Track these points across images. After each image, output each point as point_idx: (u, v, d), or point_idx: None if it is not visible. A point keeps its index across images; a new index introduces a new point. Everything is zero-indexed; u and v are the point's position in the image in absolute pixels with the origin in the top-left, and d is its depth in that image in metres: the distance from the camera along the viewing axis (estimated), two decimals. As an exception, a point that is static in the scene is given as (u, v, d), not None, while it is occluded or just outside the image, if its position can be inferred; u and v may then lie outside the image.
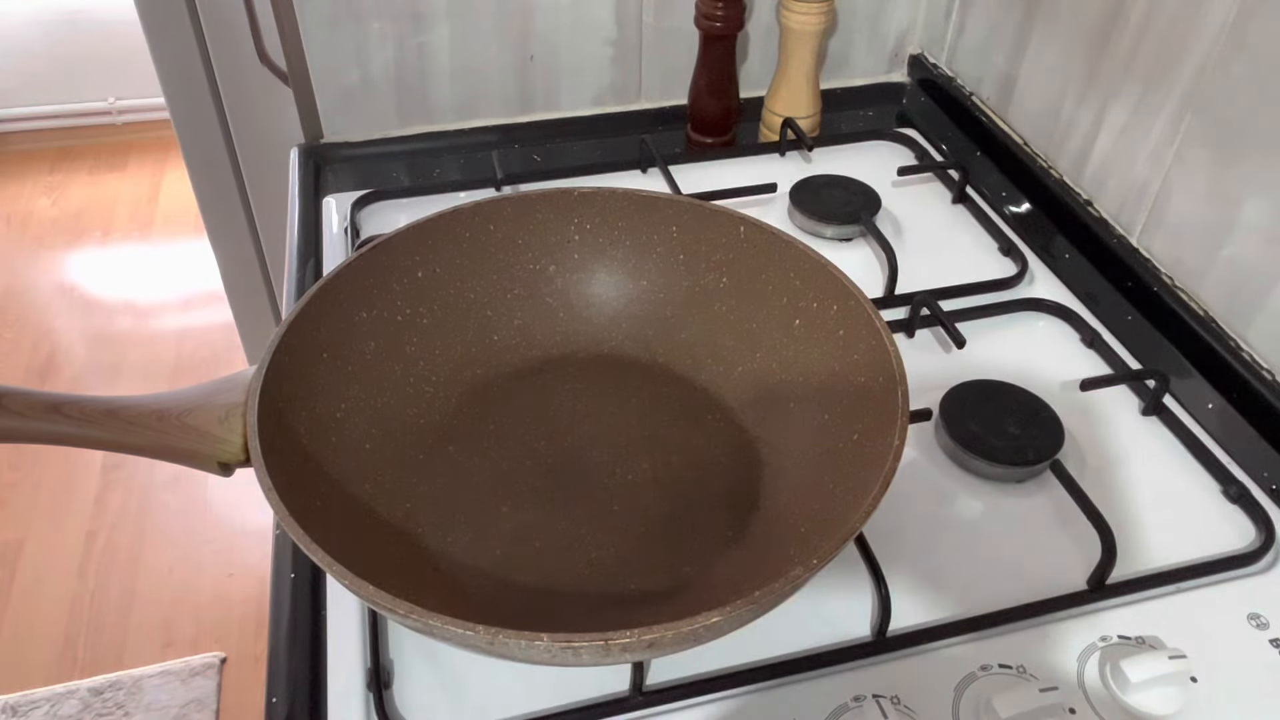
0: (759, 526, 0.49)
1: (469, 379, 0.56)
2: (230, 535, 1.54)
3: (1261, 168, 0.60)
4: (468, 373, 0.56)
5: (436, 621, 0.34)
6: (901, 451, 0.41)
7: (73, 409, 0.48)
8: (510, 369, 0.57)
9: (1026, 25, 0.79)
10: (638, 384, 0.57)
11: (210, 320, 1.95)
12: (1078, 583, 0.51)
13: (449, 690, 0.47)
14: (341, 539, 0.39)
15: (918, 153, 0.84)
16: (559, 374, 0.57)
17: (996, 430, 0.57)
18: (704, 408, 0.56)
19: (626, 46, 0.86)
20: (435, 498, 0.51)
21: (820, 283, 0.51)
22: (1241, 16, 0.59)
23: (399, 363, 0.53)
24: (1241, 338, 0.63)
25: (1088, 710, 0.46)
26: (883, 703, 0.45)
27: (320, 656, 0.49)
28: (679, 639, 0.36)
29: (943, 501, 0.56)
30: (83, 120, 2.37)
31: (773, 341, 0.54)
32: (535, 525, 0.51)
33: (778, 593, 0.36)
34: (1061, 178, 0.78)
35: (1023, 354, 0.65)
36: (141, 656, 1.37)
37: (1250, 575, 0.52)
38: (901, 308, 0.67)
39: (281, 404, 0.44)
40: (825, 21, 0.80)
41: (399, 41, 0.81)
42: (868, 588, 0.51)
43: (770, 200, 0.77)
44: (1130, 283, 0.70)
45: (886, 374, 0.45)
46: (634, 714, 0.46)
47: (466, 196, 0.76)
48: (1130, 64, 0.69)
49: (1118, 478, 0.57)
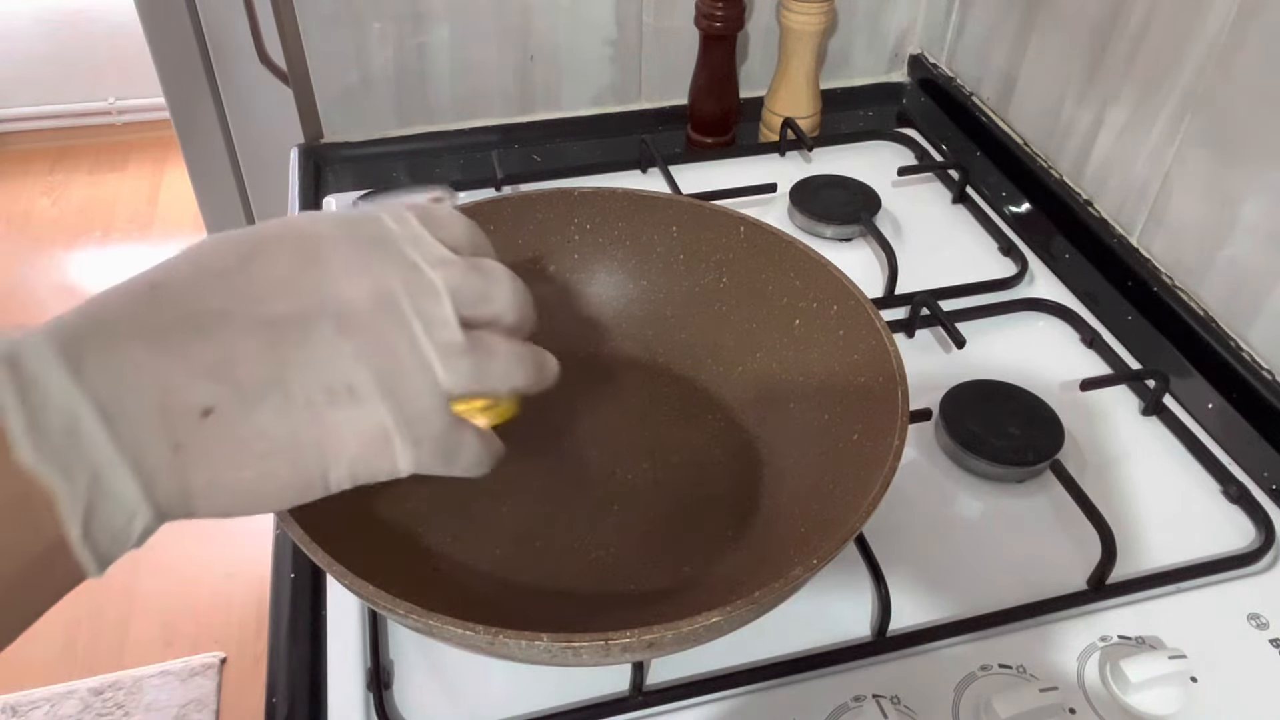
0: (759, 526, 0.49)
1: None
2: (230, 535, 1.54)
3: (1261, 168, 0.60)
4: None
5: (436, 621, 0.34)
6: (901, 451, 0.41)
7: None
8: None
9: (1026, 25, 0.79)
10: (638, 384, 0.57)
11: (210, 320, 1.95)
12: (1078, 583, 0.51)
13: (449, 690, 0.47)
14: (341, 539, 0.39)
15: (918, 153, 0.84)
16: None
17: (996, 430, 0.57)
18: (704, 408, 0.56)
19: (626, 46, 0.86)
20: (435, 498, 0.51)
21: (820, 283, 0.51)
22: (1241, 16, 0.59)
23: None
24: (1241, 338, 0.63)
25: (1088, 710, 0.46)
26: (883, 703, 0.45)
27: (320, 656, 0.49)
28: (679, 639, 0.36)
29: (943, 501, 0.56)
30: (83, 120, 2.37)
31: (773, 341, 0.54)
32: (535, 525, 0.50)
33: (778, 593, 0.36)
34: (1061, 178, 0.78)
35: (1023, 354, 0.65)
36: (141, 656, 1.37)
37: (1250, 575, 0.52)
38: (901, 308, 0.66)
39: (281, 404, 0.44)
40: (825, 21, 0.80)
41: (399, 41, 0.81)
42: (868, 588, 0.51)
43: (770, 200, 0.77)
44: (1130, 283, 0.70)
45: (886, 374, 0.45)
46: (634, 714, 0.46)
47: (466, 197, 0.76)
48: (1130, 64, 0.69)
49: (1118, 478, 0.57)
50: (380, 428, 0.30)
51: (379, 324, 0.30)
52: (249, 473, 0.29)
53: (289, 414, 0.28)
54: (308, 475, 0.30)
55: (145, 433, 0.27)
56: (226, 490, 0.29)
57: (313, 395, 0.29)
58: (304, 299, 0.29)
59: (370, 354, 0.29)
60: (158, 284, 0.29)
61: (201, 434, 0.27)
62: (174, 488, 0.28)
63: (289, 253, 0.30)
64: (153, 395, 0.27)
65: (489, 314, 0.33)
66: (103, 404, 0.26)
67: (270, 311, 0.29)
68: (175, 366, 0.27)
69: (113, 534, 0.27)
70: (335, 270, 0.30)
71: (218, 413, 0.28)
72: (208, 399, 0.28)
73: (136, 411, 0.27)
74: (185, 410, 0.27)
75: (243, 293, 0.29)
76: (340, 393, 0.29)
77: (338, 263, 0.30)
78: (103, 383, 0.26)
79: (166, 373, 0.27)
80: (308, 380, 0.29)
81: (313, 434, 0.29)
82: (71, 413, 0.26)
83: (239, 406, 0.28)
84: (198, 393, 0.27)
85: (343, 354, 0.29)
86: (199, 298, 0.29)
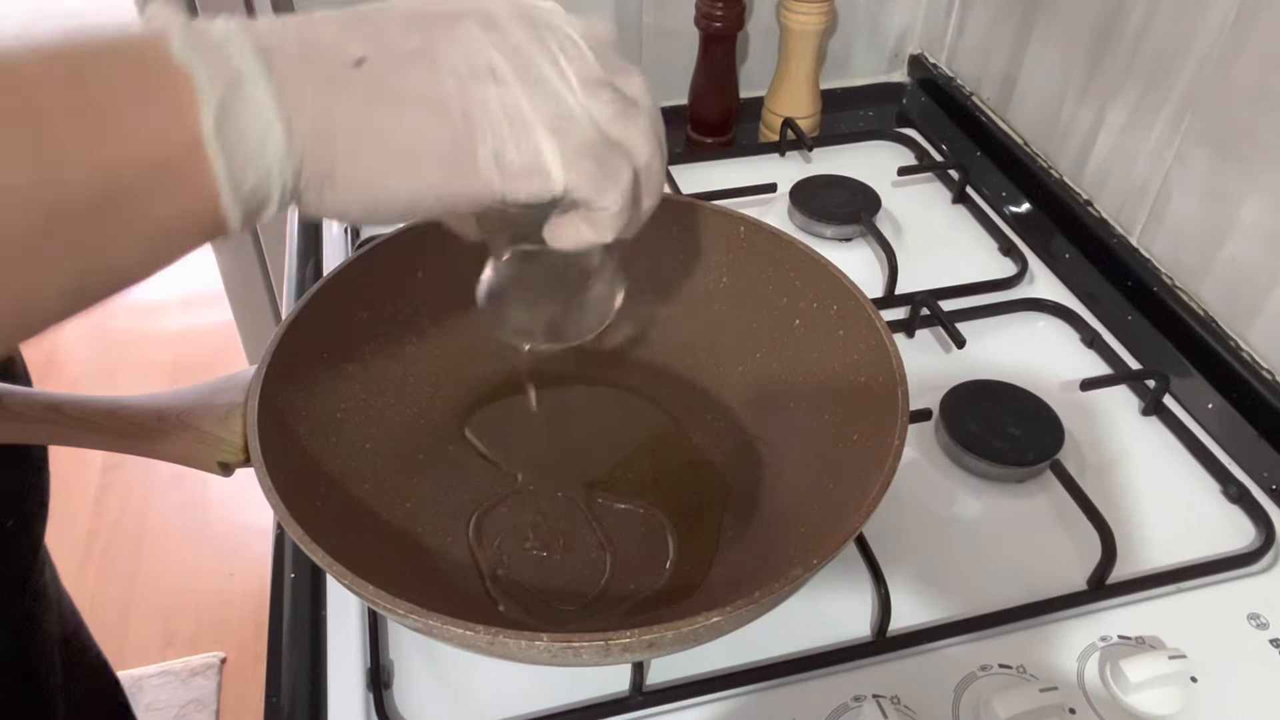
0: (759, 526, 0.49)
1: (469, 378, 0.56)
2: (230, 535, 1.54)
3: (1261, 168, 0.60)
4: (468, 372, 0.56)
5: (436, 621, 0.34)
6: (901, 451, 0.41)
7: (73, 409, 0.48)
8: (510, 369, 0.57)
9: (1026, 25, 0.79)
10: (638, 384, 0.57)
11: (210, 320, 1.95)
12: (1078, 583, 0.51)
13: (449, 690, 0.47)
14: (341, 539, 0.39)
15: (918, 153, 0.84)
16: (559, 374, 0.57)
17: (996, 430, 0.57)
18: (704, 408, 0.56)
19: (626, 47, 0.86)
20: (435, 498, 0.51)
21: (820, 283, 0.51)
22: (1241, 16, 0.59)
23: (399, 363, 0.53)
24: (1241, 338, 0.63)
25: (1088, 710, 0.46)
26: (883, 703, 0.45)
27: (320, 656, 0.49)
28: (679, 639, 0.36)
29: (943, 501, 0.56)
30: (83, 120, 2.37)
31: (773, 341, 0.54)
32: (534, 525, 0.51)
33: (778, 593, 0.36)
34: (1061, 178, 0.78)
35: (1023, 354, 0.65)
36: (141, 656, 1.37)
37: (1250, 575, 0.52)
38: (901, 308, 0.66)
39: (281, 404, 0.44)
40: (825, 21, 0.80)
41: (399, 41, 0.80)
42: (868, 588, 0.51)
43: (770, 200, 0.77)
44: (1130, 283, 0.70)
45: (886, 374, 0.45)
46: (634, 714, 0.46)
47: (466, 196, 0.76)
48: (1130, 64, 0.69)
49: (1118, 478, 0.57)
50: (519, 110, 0.31)
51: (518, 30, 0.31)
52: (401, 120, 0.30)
53: (436, 79, 0.30)
54: (458, 142, 0.30)
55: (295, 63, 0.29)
56: (376, 138, 0.29)
57: (458, 67, 0.30)
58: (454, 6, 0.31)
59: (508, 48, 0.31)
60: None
61: (353, 76, 0.29)
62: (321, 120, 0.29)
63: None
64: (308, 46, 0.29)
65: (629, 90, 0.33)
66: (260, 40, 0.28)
67: (423, 9, 0.31)
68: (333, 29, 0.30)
69: (247, 148, 0.28)
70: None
71: (370, 63, 0.29)
72: (361, 50, 0.29)
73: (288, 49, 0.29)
74: (339, 56, 0.29)
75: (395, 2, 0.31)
76: (483, 71, 0.30)
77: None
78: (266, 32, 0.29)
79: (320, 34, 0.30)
80: (454, 55, 0.30)
81: (460, 101, 0.30)
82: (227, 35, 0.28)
83: (389, 62, 0.30)
84: (352, 46, 0.29)
85: (484, 43, 0.31)
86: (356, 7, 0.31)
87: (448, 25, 0.30)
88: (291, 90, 0.28)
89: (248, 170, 0.28)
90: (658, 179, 0.34)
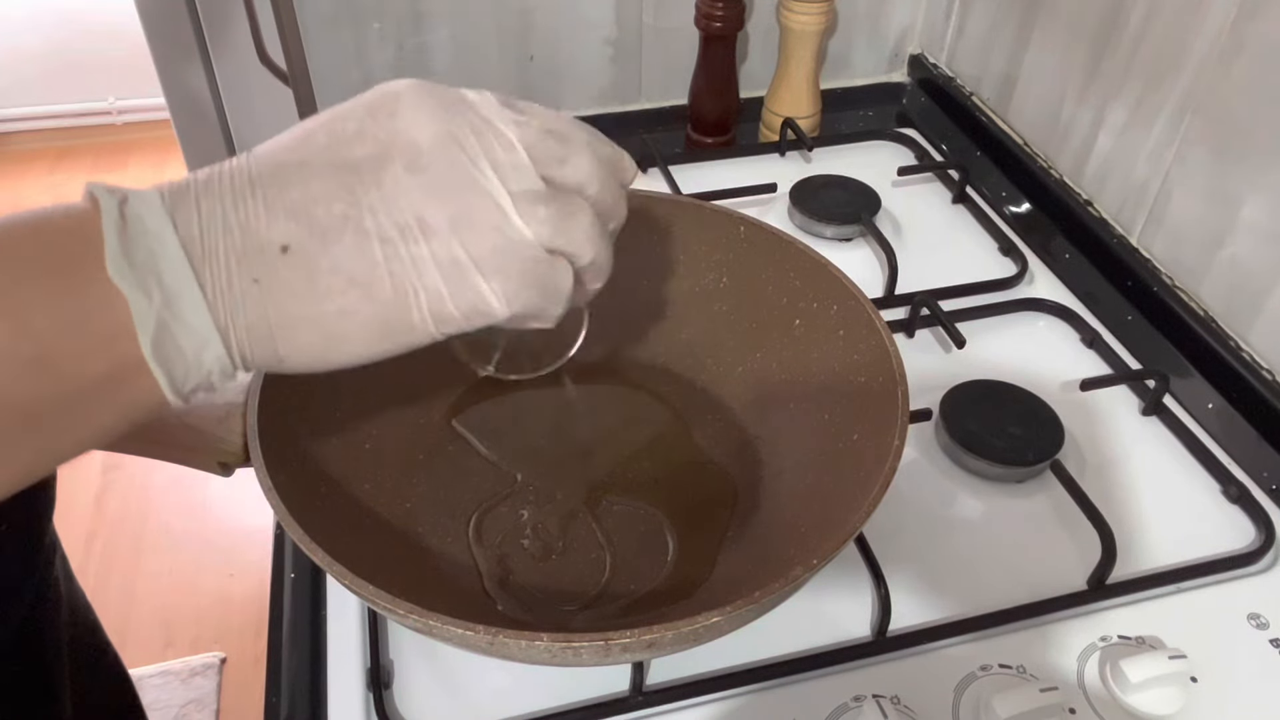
0: (759, 526, 0.49)
1: (469, 378, 0.56)
2: (230, 535, 1.54)
3: (1261, 168, 0.60)
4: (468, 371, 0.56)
5: (436, 621, 0.34)
6: (901, 451, 0.41)
7: (73, 409, 0.48)
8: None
9: (1026, 25, 0.79)
10: (638, 384, 0.57)
11: (210, 320, 1.95)
12: (1078, 583, 0.51)
13: (449, 690, 0.47)
14: (341, 539, 0.39)
15: (918, 153, 0.84)
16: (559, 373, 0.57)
17: (996, 430, 0.57)
18: (704, 408, 0.56)
19: (626, 46, 0.86)
20: (435, 498, 0.51)
21: (820, 283, 0.51)
22: (1241, 16, 0.59)
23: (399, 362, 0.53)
24: (1241, 338, 0.63)
25: (1088, 710, 0.46)
26: (883, 703, 0.45)
27: (320, 656, 0.49)
28: (679, 639, 0.36)
29: (943, 501, 0.56)
30: (83, 120, 2.37)
31: (773, 341, 0.54)
32: (535, 525, 0.51)
33: (778, 593, 0.36)
34: (1061, 178, 0.78)
35: (1023, 354, 0.65)
36: (141, 656, 1.37)
37: (1250, 575, 0.52)
38: (901, 308, 0.66)
39: (281, 404, 0.44)
40: (825, 21, 0.80)
41: (399, 41, 0.81)
42: (868, 588, 0.51)
43: (770, 200, 0.77)
44: (1130, 283, 0.70)
45: (886, 374, 0.45)
46: (634, 714, 0.46)
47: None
48: (1130, 64, 0.69)
49: (1118, 478, 0.57)
50: (454, 260, 0.30)
51: (445, 162, 0.31)
52: (329, 306, 0.30)
53: (365, 249, 0.30)
54: (389, 311, 0.30)
55: (224, 268, 0.29)
56: (308, 325, 0.30)
57: (386, 231, 0.30)
58: (378, 145, 0.31)
59: (437, 189, 0.30)
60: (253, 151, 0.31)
61: (280, 269, 0.29)
62: (255, 320, 0.29)
63: (365, 107, 0.32)
64: (235, 236, 0.29)
65: (570, 179, 0.33)
66: (187, 242, 0.29)
67: (346, 156, 0.30)
68: (257, 211, 0.30)
69: (185, 361, 0.29)
70: (408, 119, 0.31)
71: (295, 249, 0.29)
72: (285, 237, 0.29)
73: (217, 250, 0.29)
74: (264, 247, 0.29)
75: (322, 145, 0.31)
76: (412, 228, 0.30)
77: (411, 114, 0.31)
78: (192, 225, 0.29)
79: (248, 216, 0.29)
80: (380, 217, 0.30)
81: (389, 269, 0.30)
82: (159, 244, 0.28)
83: (316, 242, 0.30)
84: (276, 231, 0.29)
85: (411, 190, 0.30)
86: (286, 151, 0.31)
87: (374, 175, 0.30)
88: (224, 300, 0.29)
89: (188, 377, 0.29)
90: (603, 269, 0.35)
